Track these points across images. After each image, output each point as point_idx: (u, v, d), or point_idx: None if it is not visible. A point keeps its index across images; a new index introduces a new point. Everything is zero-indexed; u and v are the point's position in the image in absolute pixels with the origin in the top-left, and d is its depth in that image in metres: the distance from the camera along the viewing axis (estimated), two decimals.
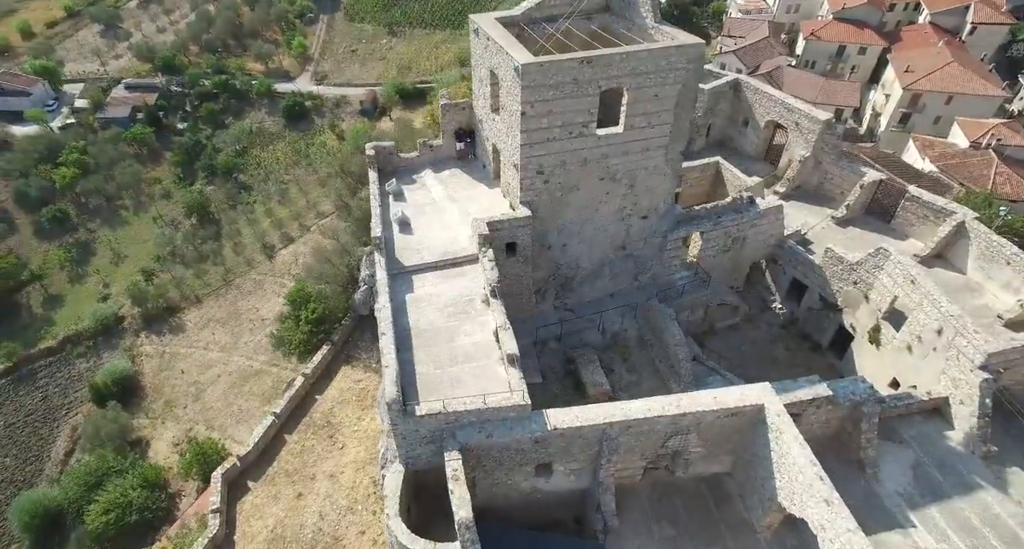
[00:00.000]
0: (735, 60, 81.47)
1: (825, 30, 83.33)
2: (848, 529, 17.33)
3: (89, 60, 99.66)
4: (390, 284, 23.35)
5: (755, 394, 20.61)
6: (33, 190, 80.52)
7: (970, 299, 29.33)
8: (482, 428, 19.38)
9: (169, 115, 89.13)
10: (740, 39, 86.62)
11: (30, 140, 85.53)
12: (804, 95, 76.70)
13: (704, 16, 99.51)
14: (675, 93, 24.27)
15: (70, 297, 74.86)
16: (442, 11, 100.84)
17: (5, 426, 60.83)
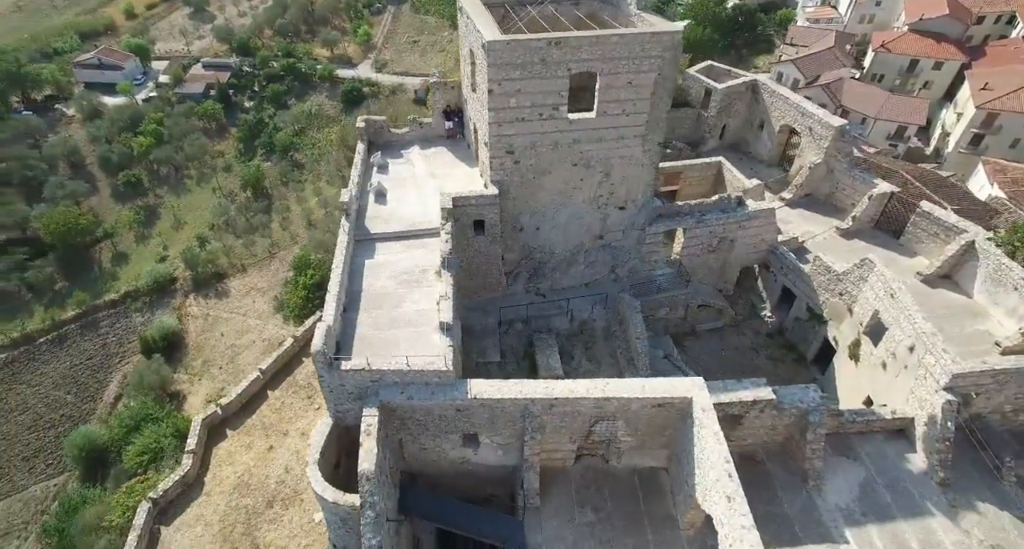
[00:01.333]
0: (793, 70, 78.78)
1: (897, 42, 79.35)
2: (743, 526, 16.93)
3: (177, 40, 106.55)
4: (353, 249, 24.38)
5: (685, 387, 20.29)
6: (114, 156, 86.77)
7: (971, 323, 27.69)
8: (404, 389, 19.98)
9: (238, 93, 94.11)
10: (803, 48, 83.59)
11: (117, 110, 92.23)
12: (865, 110, 73.80)
13: (771, 23, 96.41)
14: (650, 81, 24.11)
15: (134, 256, 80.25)
16: None
17: (70, 366, 66.32)
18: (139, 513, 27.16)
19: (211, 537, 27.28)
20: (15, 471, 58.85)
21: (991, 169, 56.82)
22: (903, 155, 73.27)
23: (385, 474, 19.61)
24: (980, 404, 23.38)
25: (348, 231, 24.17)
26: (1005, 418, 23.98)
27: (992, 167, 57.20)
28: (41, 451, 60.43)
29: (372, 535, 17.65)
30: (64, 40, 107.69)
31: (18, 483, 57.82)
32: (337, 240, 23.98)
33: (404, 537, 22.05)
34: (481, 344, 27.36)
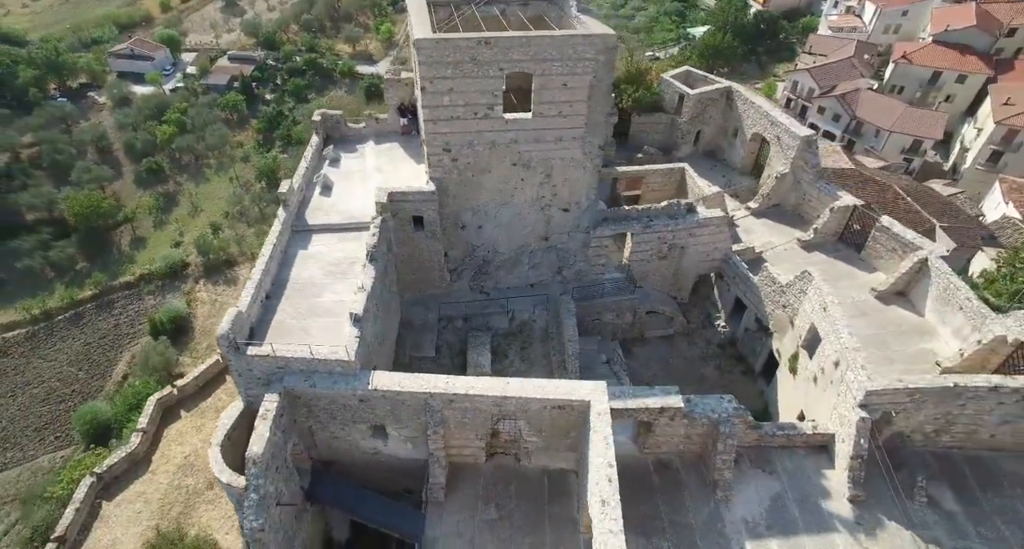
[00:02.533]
0: (808, 79, 77.35)
1: (919, 53, 77.19)
2: (611, 530, 16.93)
3: (207, 33, 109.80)
4: (290, 239, 25.08)
5: (584, 390, 20.34)
6: (139, 143, 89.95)
7: (918, 342, 27.03)
8: (308, 377, 20.47)
9: (261, 86, 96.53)
10: (821, 57, 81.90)
11: (145, 99, 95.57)
12: (879, 121, 72.07)
13: (794, 32, 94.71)
14: (586, 84, 24.17)
15: (151, 240, 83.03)
16: None
17: (84, 343, 69.09)
18: (80, 487, 28.22)
19: (149, 514, 28.16)
20: (27, 441, 61.51)
21: (1007, 187, 55.08)
22: (918, 170, 71.29)
23: (282, 459, 20.15)
24: (901, 423, 22.84)
25: (283, 221, 24.82)
26: (928, 438, 23.38)
27: (1009, 185, 55.44)
28: (51, 423, 63.03)
29: (255, 517, 18.16)
30: (103, 30, 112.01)
31: (28, 453, 60.49)
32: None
33: (311, 524, 22.59)
34: (418, 339, 27.76)
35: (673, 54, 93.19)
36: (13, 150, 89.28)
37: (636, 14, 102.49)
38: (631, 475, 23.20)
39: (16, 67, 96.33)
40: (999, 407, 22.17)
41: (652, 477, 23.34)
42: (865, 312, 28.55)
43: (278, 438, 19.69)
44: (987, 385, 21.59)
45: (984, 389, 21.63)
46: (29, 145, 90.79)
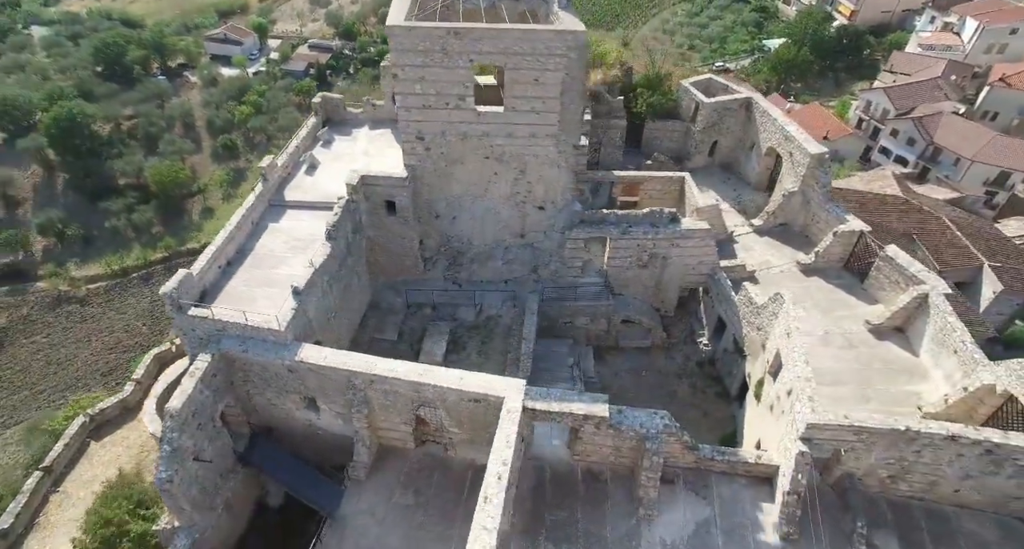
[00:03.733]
0: (883, 98, 72.82)
1: (1021, 76, 70.89)
2: (484, 527, 16.73)
3: (293, 21, 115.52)
4: (265, 212, 26.20)
5: (501, 386, 20.17)
6: (219, 120, 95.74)
7: (905, 383, 25.15)
8: (244, 343, 21.32)
9: (334, 74, 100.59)
10: (903, 77, 76.87)
11: (230, 80, 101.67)
12: (960, 149, 67.06)
13: (880, 47, 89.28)
14: (558, 80, 23.88)
15: (219, 212, 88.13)
16: (602, 11, 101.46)
17: (151, 301, 74.48)
18: (73, 424, 30.50)
19: (128, 457, 30.06)
20: (93, 383, 66.86)
21: None
22: (1003, 205, 65.75)
23: (208, 418, 21.04)
24: (851, 463, 21.26)
25: (259, 194, 25.93)
26: (883, 484, 21.64)
27: None
28: (115, 370, 68.30)
29: (164, 468, 19.09)
30: (204, 17, 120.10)
31: (92, 393, 66.07)
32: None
33: (244, 486, 23.43)
34: (383, 321, 28.29)
35: (744, 66, 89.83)
36: (115, 121, 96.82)
37: (711, 23, 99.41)
38: (559, 480, 22.91)
39: (128, 47, 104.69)
40: (959, 459, 20.24)
41: (579, 485, 22.79)
42: (854, 345, 26.80)
43: (205, 396, 20.63)
44: (943, 433, 19.77)
45: (940, 437, 19.82)
46: (129, 117, 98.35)
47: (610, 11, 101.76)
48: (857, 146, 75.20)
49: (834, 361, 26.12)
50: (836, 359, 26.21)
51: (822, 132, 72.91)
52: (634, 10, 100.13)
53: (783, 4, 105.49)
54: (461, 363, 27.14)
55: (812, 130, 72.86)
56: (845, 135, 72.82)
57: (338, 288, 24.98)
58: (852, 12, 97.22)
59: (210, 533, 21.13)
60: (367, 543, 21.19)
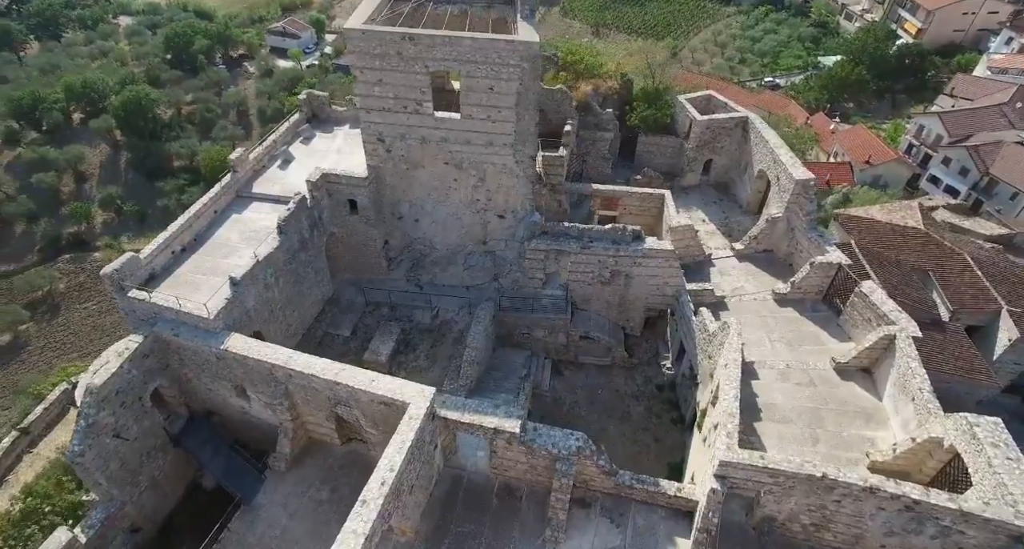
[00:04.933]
0: (937, 124, 68.88)
1: None
2: (353, 530, 16.76)
3: None
4: (230, 202, 27.08)
5: (410, 392, 20.16)
6: (269, 110, 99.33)
7: (860, 427, 23.89)
8: (176, 327, 22.10)
9: None
10: (965, 101, 72.48)
11: (283, 72, 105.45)
12: (1020, 182, 62.71)
13: (946, 69, 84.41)
14: (513, 90, 23.73)
15: None
16: (653, 20, 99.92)
17: None
18: (55, 390, 32.31)
19: None
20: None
21: None
22: None
23: (135, 397, 21.87)
24: (771, 506, 20.27)
25: (224, 185, 26.79)
26: (807, 532, 20.52)
27: None
28: None
29: (77, 442, 19.96)
30: (269, 10, 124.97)
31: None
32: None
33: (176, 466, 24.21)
34: (339, 317, 28.74)
35: (794, 83, 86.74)
36: (177, 106, 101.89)
37: (765, 36, 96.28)
38: (475, 492, 22.79)
39: (195, 37, 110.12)
40: (880, 512, 19.01)
41: (493, 499, 22.57)
42: (814, 382, 25.62)
43: (133, 376, 21.48)
44: (861, 484, 18.62)
45: (858, 488, 18.67)
46: (189, 103, 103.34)
47: (662, 21, 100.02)
48: (902, 173, 71.40)
49: (789, 397, 25.06)
50: (791, 395, 25.13)
51: (864, 156, 69.77)
52: (686, 21, 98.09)
53: (844, 20, 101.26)
54: (408, 364, 27.39)
55: (853, 153, 70.03)
56: (889, 160, 69.25)
57: (287, 282, 25.53)
58: (919, 30, 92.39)
59: (130, 508, 21.95)
60: (273, 533, 21.61)
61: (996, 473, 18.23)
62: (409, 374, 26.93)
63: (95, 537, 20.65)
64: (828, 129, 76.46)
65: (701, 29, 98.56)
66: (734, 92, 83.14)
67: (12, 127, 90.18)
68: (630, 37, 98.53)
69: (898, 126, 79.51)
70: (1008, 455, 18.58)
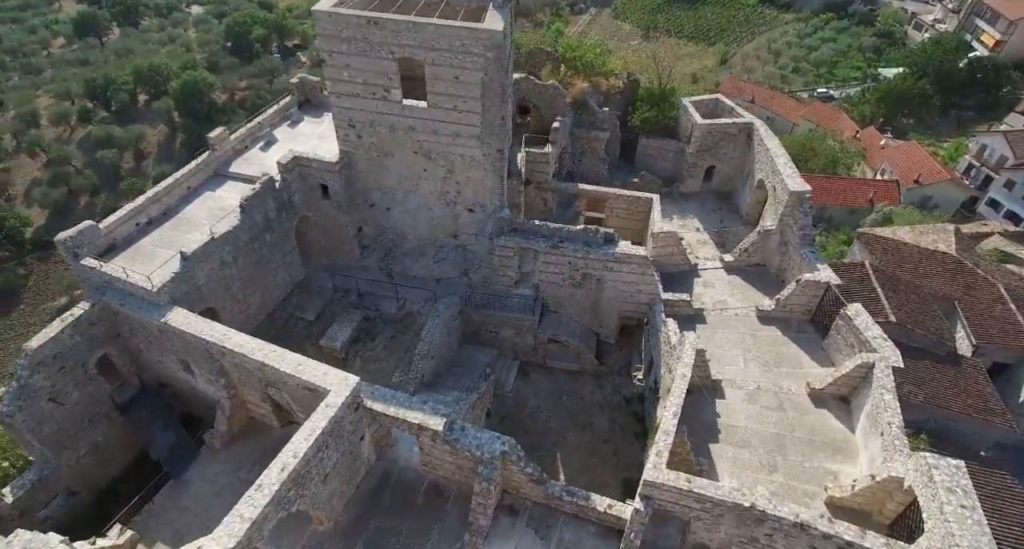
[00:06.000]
0: (1002, 144, 64.23)
1: None
2: (241, 515, 16.46)
3: None
4: (205, 179, 27.44)
5: (333, 379, 19.76)
6: None
7: (825, 460, 22.24)
8: (123, 297, 22.39)
9: None
10: None
11: None
12: None
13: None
14: (478, 80, 23.03)
15: None
16: (707, 24, 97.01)
17: None
18: None
19: None
20: None
21: None
22: None
23: (78, 363, 22.23)
24: (702, 534, 18.94)
25: (200, 162, 27.12)
26: None
27: None
28: None
29: (8, 403, 20.29)
30: None
31: None
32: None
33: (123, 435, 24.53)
34: (306, 301, 28.69)
35: (849, 95, 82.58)
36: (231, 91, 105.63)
37: (823, 45, 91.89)
38: (402, 488, 22.29)
39: (254, 27, 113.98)
40: None
41: (419, 497, 21.97)
42: (784, 407, 24.04)
43: (76, 342, 21.87)
44: (792, 519, 17.14)
45: (788, 523, 17.20)
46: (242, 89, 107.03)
47: (715, 25, 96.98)
48: (956, 195, 66.92)
49: (753, 421, 23.57)
50: (756, 419, 23.63)
51: (913, 174, 65.73)
52: (741, 26, 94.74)
53: (913, 30, 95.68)
54: (365, 353, 27.07)
55: (901, 171, 66.03)
56: (941, 180, 64.97)
57: (248, 261, 25.59)
58: (997, 42, 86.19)
59: (65, 472, 22.36)
60: (196, 510, 21.60)
61: (947, 521, 16.47)
62: (364, 363, 26.71)
63: (25, 497, 21.10)
64: (878, 144, 72.43)
65: (756, 36, 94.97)
66: (781, 102, 79.91)
67: (86, 106, 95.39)
68: (681, 41, 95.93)
69: (960, 145, 74.67)
70: (963, 502, 16.78)
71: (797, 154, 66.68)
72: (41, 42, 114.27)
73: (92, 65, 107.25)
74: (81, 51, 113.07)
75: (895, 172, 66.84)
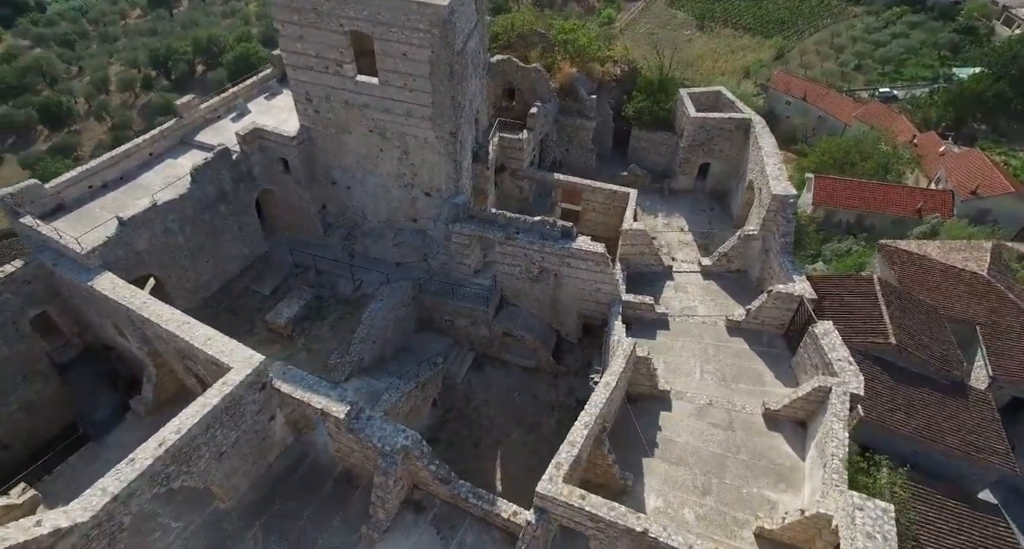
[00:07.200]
0: None
1: None
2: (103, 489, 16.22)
3: None
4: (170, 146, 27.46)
5: (237, 357, 19.29)
6: None
7: (767, 487, 20.49)
8: (56, 258, 22.51)
9: None
10: None
11: None
12: None
13: None
14: (426, 58, 21.92)
15: None
16: (767, 16, 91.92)
17: None
18: None
19: None
20: None
21: None
22: None
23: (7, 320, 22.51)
24: None
25: (164, 129, 27.07)
26: None
27: None
28: None
29: None
30: None
31: None
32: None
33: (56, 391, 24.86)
34: (263, 274, 28.44)
35: (915, 95, 76.68)
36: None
37: (892, 41, 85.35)
38: (314, 472, 21.87)
39: None
40: None
41: (329, 483, 21.40)
42: (733, 427, 22.30)
43: (6, 299, 22.20)
44: (685, 547, 15.62)
45: None
46: None
47: (776, 17, 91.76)
48: (1021, 210, 61.13)
49: (696, 437, 21.94)
50: (700, 436, 22.00)
51: (970, 185, 60.44)
52: (804, 18, 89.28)
53: (1002, 26, 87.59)
54: (310, 331, 26.61)
55: (958, 180, 60.90)
56: (1003, 194, 59.45)
57: (198, 231, 25.43)
58: None
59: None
60: None
61: None
62: (308, 341, 26.26)
63: None
64: (936, 150, 66.94)
65: (819, 29, 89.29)
66: (834, 100, 74.96)
67: (149, 75, 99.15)
68: (736, 33, 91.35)
69: None
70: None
71: (843, 157, 62.36)
72: (120, 13, 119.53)
73: (159, 35, 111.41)
74: (152, 22, 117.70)
75: (950, 181, 61.66)
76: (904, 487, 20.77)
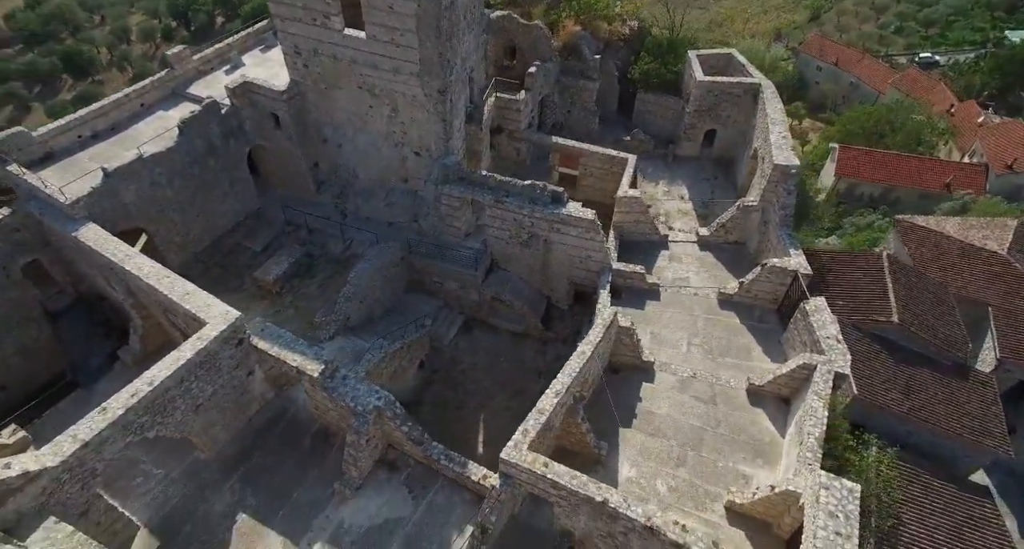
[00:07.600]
0: None
1: None
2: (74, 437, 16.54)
3: None
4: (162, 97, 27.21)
5: (214, 312, 19.34)
6: None
7: (744, 462, 20.27)
8: (43, 207, 22.63)
9: None
10: None
11: None
12: None
13: None
14: (412, 11, 21.09)
15: None
16: None
17: None
18: None
19: None
20: None
21: None
22: None
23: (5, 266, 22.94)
24: (566, 521, 17.68)
25: (154, 80, 26.77)
26: None
27: None
28: None
29: None
30: None
31: None
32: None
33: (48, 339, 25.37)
34: (256, 231, 28.42)
35: (958, 61, 72.82)
36: None
37: (940, 1, 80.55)
38: (293, 427, 22.16)
39: None
40: None
41: (307, 439, 21.68)
42: (715, 400, 21.99)
43: None
44: (641, 521, 15.55)
45: (639, 524, 15.62)
46: None
47: None
48: None
49: (676, 410, 21.71)
50: (680, 408, 21.75)
51: (1006, 158, 57.83)
52: None
53: None
54: (298, 289, 26.65)
55: (993, 153, 58.28)
56: None
57: (187, 185, 25.34)
58: None
59: None
60: None
61: (815, 548, 14.55)
62: (296, 299, 26.33)
63: None
64: (975, 121, 63.93)
65: None
66: (869, 66, 71.70)
67: (169, 25, 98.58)
68: None
69: None
70: (839, 530, 14.91)
71: (872, 127, 59.89)
72: None
73: None
74: None
75: (985, 154, 59.03)
76: (891, 466, 20.38)
